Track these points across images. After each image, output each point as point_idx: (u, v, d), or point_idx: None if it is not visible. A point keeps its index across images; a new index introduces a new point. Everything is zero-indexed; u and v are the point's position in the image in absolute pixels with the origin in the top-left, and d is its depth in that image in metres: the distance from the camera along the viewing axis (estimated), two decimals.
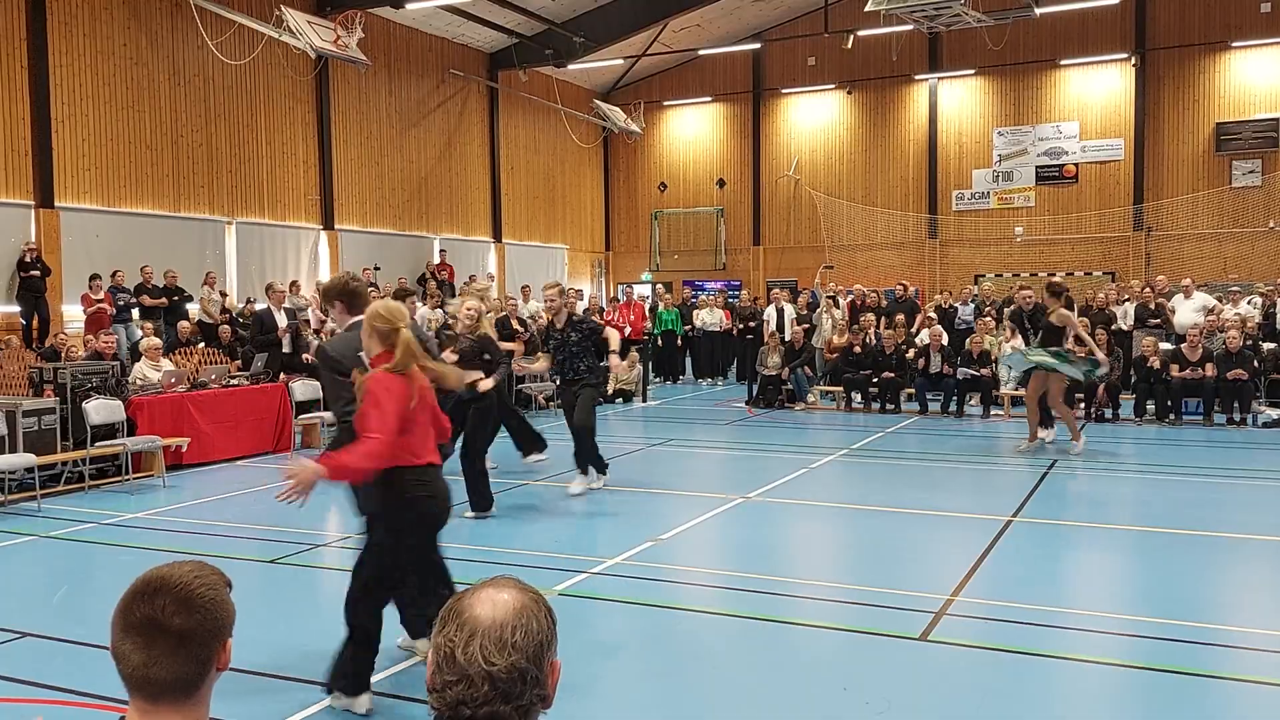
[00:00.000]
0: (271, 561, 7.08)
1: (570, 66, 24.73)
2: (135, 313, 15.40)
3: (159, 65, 17.19)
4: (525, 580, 1.59)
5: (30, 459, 9.00)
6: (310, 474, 4.10)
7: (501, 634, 1.50)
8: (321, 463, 4.20)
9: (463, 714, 1.47)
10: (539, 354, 9.72)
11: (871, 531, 8.00)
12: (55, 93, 15.60)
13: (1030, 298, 12.58)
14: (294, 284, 18.20)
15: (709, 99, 28.43)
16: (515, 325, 13.59)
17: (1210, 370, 13.54)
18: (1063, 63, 24.61)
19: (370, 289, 18.30)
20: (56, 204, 15.65)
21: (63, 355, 12.13)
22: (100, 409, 9.70)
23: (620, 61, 26.44)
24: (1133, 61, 24.08)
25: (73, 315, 15.44)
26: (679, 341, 20.73)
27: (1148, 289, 17.07)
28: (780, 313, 18.07)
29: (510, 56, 24.29)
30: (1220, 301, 16.30)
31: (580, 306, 19.21)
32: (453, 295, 19.81)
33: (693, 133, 28.94)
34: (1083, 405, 14.19)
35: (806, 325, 17.16)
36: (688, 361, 21.10)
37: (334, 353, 4.92)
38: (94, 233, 16.18)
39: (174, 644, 1.59)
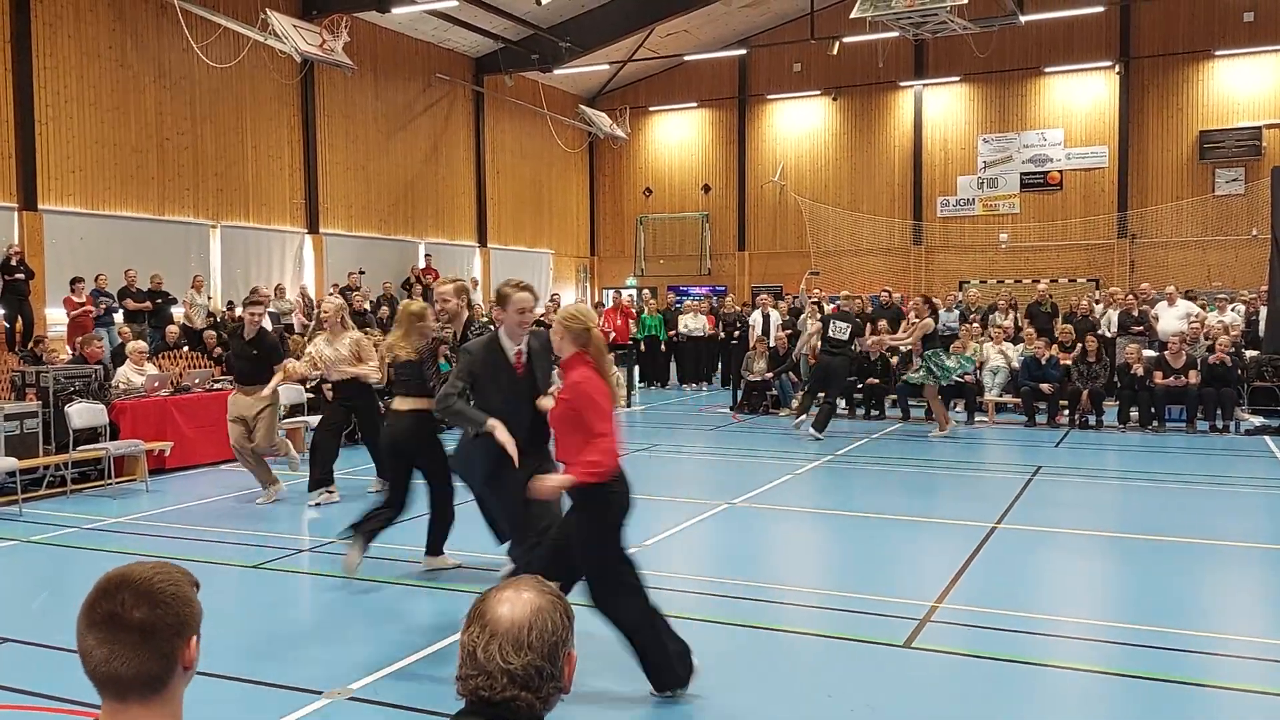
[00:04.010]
0: (254, 567, 7.04)
1: (556, 71, 24.75)
2: (119, 316, 15.32)
3: (144, 68, 17.11)
4: None
5: (12, 463, 8.93)
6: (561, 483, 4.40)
7: (519, 635, 1.67)
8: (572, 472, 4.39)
9: (482, 697, 1.67)
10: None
11: (855, 538, 8.01)
12: (40, 94, 15.52)
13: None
14: (278, 288, 18.13)
15: (695, 104, 28.51)
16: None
17: (1194, 377, 13.62)
18: (1047, 70, 24.80)
19: (356, 293, 18.26)
20: (40, 206, 15.56)
21: (44, 358, 12.05)
22: (83, 413, 9.64)
23: (606, 67, 26.48)
24: (1117, 69, 24.28)
25: (56, 318, 15.35)
26: (663, 347, 20.74)
27: (1131, 296, 17.18)
28: (766, 318, 18.10)
29: (496, 61, 24.29)
30: (1204, 309, 16.42)
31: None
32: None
33: (678, 138, 28.99)
34: (1066, 412, 14.27)
35: (791, 331, 17.19)
36: (672, 367, 21.10)
37: None
38: (78, 235, 16.09)
39: (136, 639, 1.60)
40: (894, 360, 15.46)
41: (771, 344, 16.67)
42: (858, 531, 8.21)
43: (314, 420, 12.04)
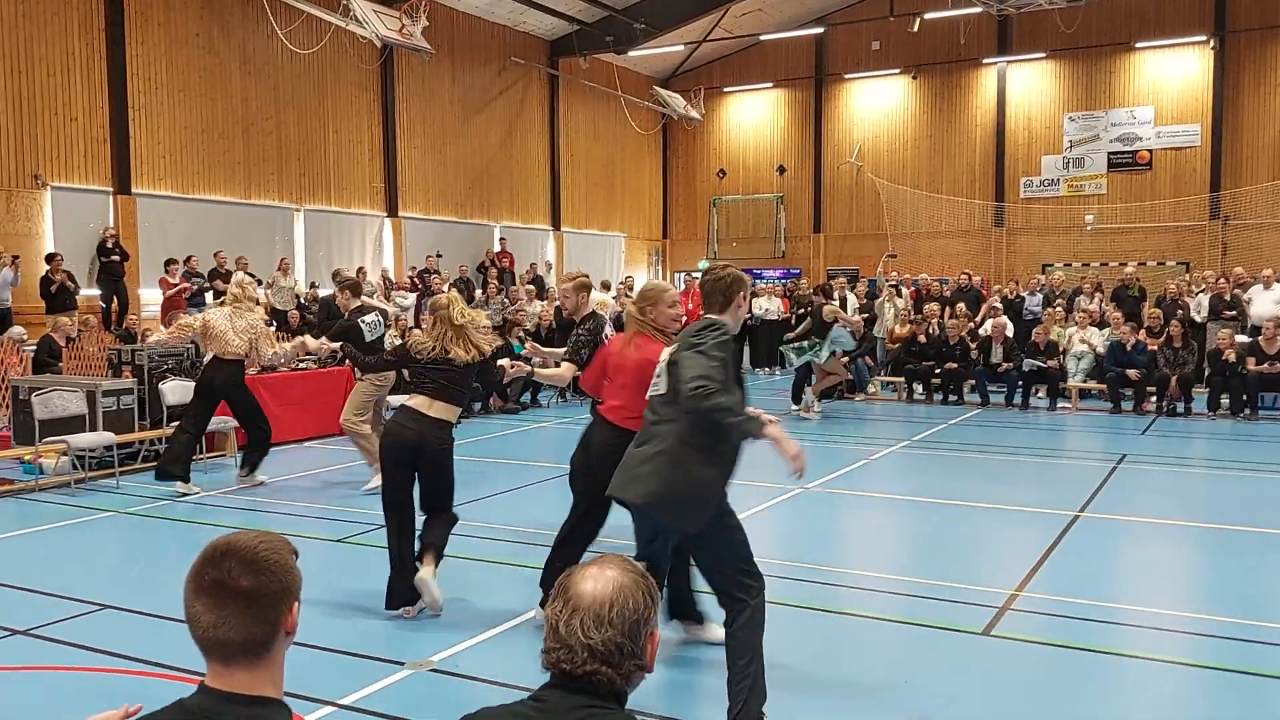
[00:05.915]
0: (339, 540, 7.23)
1: (631, 53, 24.72)
2: (209, 297, 15.80)
3: (231, 54, 17.57)
4: None
5: (109, 437, 9.32)
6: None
7: (600, 611, 1.70)
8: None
9: (564, 670, 1.72)
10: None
11: (933, 524, 7.91)
12: (132, 82, 16.05)
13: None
14: (360, 270, 18.49)
15: (770, 85, 28.21)
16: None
17: None
18: (1137, 45, 23.95)
19: (434, 276, 18.53)
20: (133, 190, 16.12)
21: (139, 337, 12.49)
22: (176, 390, 9.98)
23: (681, 48, 26.35)
24: (1211, 44, 23.34)
25: (149, 299, 15.91)
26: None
27: (1223, 279, 16.57)
28: (842, 302, 17.87)
29: (571, 44, 24.35)
30: None
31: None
32: (513, 283, 19.94)
33: (753, 119, 28.74)
34: (1154, 399, 13.85)
35: (868, 315, 16.97)
36: (745, 350, 21.00)
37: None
38: (169, 218, 16.64)
39: (242, 605, 1.68)
40: (973, 345, 15.18)
41: None
42: (936, 517, 8.10)
43: (395, 400, 12.28)
